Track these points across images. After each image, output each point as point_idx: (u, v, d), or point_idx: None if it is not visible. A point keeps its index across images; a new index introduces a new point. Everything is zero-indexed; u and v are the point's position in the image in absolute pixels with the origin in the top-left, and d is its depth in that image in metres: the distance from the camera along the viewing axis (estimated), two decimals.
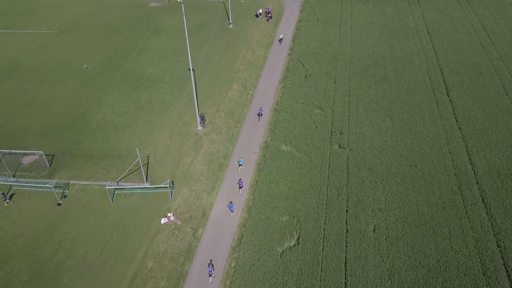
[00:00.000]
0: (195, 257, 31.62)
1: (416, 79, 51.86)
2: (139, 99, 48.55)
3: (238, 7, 72.91)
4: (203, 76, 52.93)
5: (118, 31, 63.96)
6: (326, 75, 53.00)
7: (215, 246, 32.64)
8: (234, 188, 37.63)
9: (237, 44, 60.67)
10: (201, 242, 32.82)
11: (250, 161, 40.48)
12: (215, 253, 32.00)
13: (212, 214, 35.17)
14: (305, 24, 66.24)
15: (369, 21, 66.95)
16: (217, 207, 35.77)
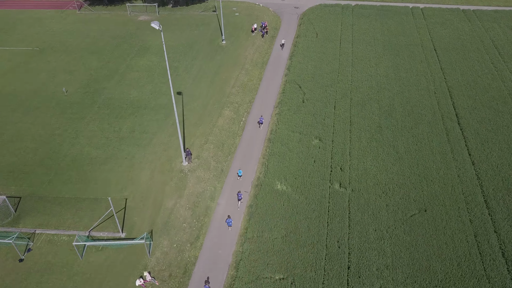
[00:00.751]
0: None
1: (424, 105, 47.56)
2: (121, 128, 44.29)
3: (232, 21, 68.72)
4: (192, 101, 48.68)
5: (101, 50, 59.74)
6: (325, 99, 48.73)
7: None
8: (222, 235, 33.35)
9: (230, 64, 56.42)
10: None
11: (241, 204, 36.15)
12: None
13: (196, 271, 30.83)
14: (303, 40, 62.00)
15: (371, 37, 62.69)
16: (201, 263, 31.45)
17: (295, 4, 76.13)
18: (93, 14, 71.61)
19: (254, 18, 70.02)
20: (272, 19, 69.80)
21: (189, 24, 67.83)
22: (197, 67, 55.52)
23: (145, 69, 55.02)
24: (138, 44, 61.28)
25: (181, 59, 57.20)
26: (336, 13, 70.54)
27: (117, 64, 56.07)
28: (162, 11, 72.66)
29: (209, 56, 58.24)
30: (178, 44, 61.22)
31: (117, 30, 65.61)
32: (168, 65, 55.91)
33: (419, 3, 75.57)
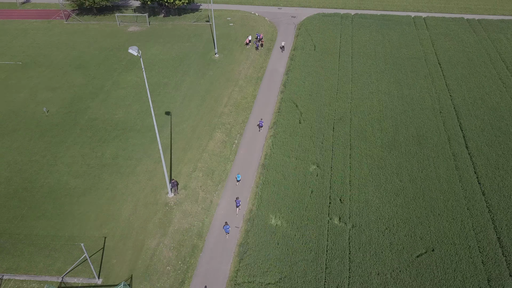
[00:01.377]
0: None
1: (429, 126, 44.44)
2: (103, 154, 41.09)
3: (226, 32, 65.60)
4: (181, 123, 45.51)
5: (87, 64, 56.58)
6: (324, 120, 45.58)
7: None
8: (210, 279, 30.18)
9: (223, 80, 53.26)
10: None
11: (230, 242, 33.01)
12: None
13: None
14: (300, 52, 58.87)
15: (372, 49, 59.57)
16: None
17: (292, 13, 73.10)
18: (81, 24, 68.45)
19: (249, 28, 66.90)
20: (268, 30, 66.67)
21: (181, 35, 64.69)
22: (188, 83, 52.37)
23: (132, 86, 51.85)
24: (126, 58, 58.10)
25: (171, 74, 54.04)
26: (335, 23, 67.43)
27: (103, 80, 52.90)
28: (153, 21, 69.52)
29: (201, 71, 55.08)
30: (168, 58, 58.06)
31: (105, 42, 62.45)
32: (157, 81, 53.04)
33: (421, 12, 72.60)
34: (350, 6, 75.58)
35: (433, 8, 74.17)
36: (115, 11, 72.78)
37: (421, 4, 75.88)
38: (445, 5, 75.69)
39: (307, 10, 74.34)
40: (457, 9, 73.69)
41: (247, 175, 39.23)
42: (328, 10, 73.93)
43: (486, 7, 74.19)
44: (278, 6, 75.95)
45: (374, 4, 76.22)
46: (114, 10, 73.08)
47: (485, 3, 75.99)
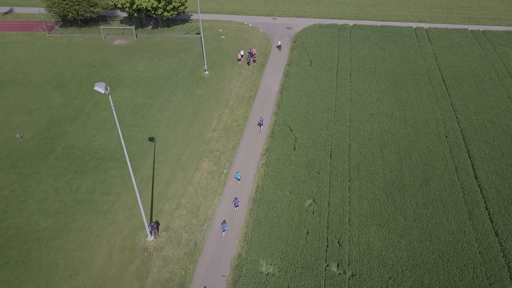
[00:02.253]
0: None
1: (434, 153, 40.93)
2: (79, 188, 37.43)
3: (217, 46, 61.99)
4: (165, 150, 41.87)
5: (68, 83, 52.93)
6: (320, 146, 42.01)
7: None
8: None
9: (212, 100, 49.64)
10: None
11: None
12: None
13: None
14: (295, 69, 55.29)
15: (371, 65, 56.03)
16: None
17: (287, 24, 69.53)
18: (64, 37, 64.75)
19: (241, 41, 63.30)
20: (262, 43, 63.08)
21: (170, 49, 61.05)
22: (175, 104, 48.73)
23: (115, 107, 48.07)
24: (110, 75, 54.43)
25: (157, 94, 50.39)
26: (332, 35, 63.89)
27: (83, 101, 49.23)
28: (141, 33, 65.86)
29: (189, 90, 51.44)
30: (155, 75, 54.41)
31: (89, 57, 58.76)
32: (142, 102, 49.38)
33: (423, 22, 69.14)
34: (348, 16, 72.09)
35: (435, 18, 70.71)
36: (101, 22, 69.13)
37: (422, 14, 72.44)
38: (448, 14, 72.25)
39: (303, 20, 70.78)
40: (461, 19, 70.25)
41: (236, 212, 35.60)
42: (325, 20, 70.40)
43: (491, 17, 70.78)
44: (273, 16, 72.40)
45: (373, 14, 72.75)
46: (100, 21, 69.42)
47: (489, 12, 72.61)
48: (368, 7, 76.02)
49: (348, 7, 76.17)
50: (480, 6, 75.62)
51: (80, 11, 63.22)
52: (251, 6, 77.62)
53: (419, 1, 78.51)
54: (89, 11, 63.91)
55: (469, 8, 74.70)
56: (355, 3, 78.28)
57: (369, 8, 75.66)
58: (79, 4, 62.62)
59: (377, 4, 77.31)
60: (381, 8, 75.27)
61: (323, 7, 76.39)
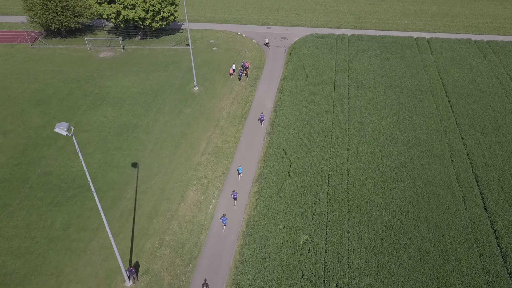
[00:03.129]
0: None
1: (439, 180, 37.93)
2: (53, 223, 34.24)
3: (208, 59, 58.85)
4: (149, 178, 38.69)
5: (48, 100, 49.73)
6: (317, 171, 38.95)
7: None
8: None
9: (202, 119, 46.49)
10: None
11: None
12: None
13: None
14: (290, 84, 52.18)
15: (371, 79, 52.97)
16: None
17: (282, 34, 66.45)
18: (47, 49, 61.50)
19: (234, 53, 60.16)
20: (255, 55, 59.95)
21: (158, 62, 57.86)
22: (161, 124, 45.55)
23: (97, 128, 44.97)
24: (94, 91, 51.23)
25: (143, 113, 47.19)
26: (329, 46, 60.82)
27: (64, 121, 45.88)
28: (129, 45, 62.65)
29: (177, 108, 48.27)
30: (141, 91, 51.21)
31: (72, 71, 55.55)
32: (126, 122, 46.14)
33: (424, 32, 66.14)
34: (346, 24, 69.06)
35: (436, 27, 67.71)
36: (87, 33, 65.90)
37: (423, 22, 69.45)
38: (450, 23, 69.28)
39: (299, 30, 67.71)
40: (463, 28, 67.28)
41: (225, 249, 32.48)
42: (322, 30, 67.34)
43: (495, 25, 67.85)
44: (267, 25, 69.27)
45: (372, 23, 69.72)
46: (86, 32, 66.20)
47: (493, 20, 69.67)
48: (367, 15, 73.02)
49: (346, 15, 73.15)
50: (483, 14, 72.71)
51: (64, 22, 60.01)
52: (245, 14, 74.53)
53: (419, 9, 75.56)
54: (74, 21, 60.70)
55: (472, 16, 71.77)
56: (354, 11, 75.28)
57: (367, 16, 72.65)
58: (63, 14, 59.39)
59: (376, 12, 74.32)
60: (380, 16, 72.27)
61: (320, 15, 73.36)
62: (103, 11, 57.72)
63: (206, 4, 79.50)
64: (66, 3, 58.76)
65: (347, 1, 80.00)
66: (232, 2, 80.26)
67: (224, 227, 33.91)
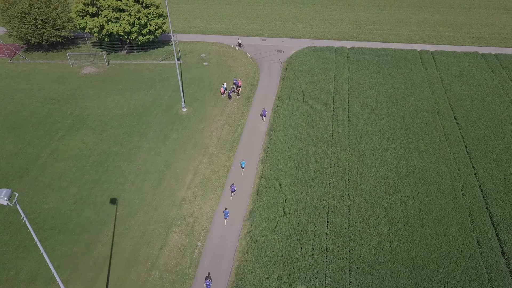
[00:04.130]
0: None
1: (450, 218, 34.37)
2: (18, 273, 30.49)
3: (198, 75, 55.03)
4: (128, 217, 34.88)
5: (23, 124, 45.88)
6: (314, 208, 35.30)
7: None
8: None
9: (189, 146, 42.66)
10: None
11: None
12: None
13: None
14: (286, 104, 48.41)
15: (373, 98, 49.22)
16: None
17: (278, 46, 62.65)
18: (27, 64, 57.58)
19: (226, 69, 56.33)
20: (249, 70, 56.14)
21: (144, 79, 54.00)
22: (145, 152, 41.69)
23: (74, 157, 41.09)
24: (74, 113, 47.38)
25: (125, 139, 43.33)
26: (328, 61, 57.06)
27: (38, 148, 42.16)
28: (114, 59, 58.75)
29: (163, 132, 44.43)
30: (125, 113, 47.35)
31: (52, 90, 51.69)
32: (107, 150, 42.27)
33: (427, 44, 62.48)
34: (345, 36, 65.31)
35: (441, 38, 64.02)
36: (71, 46, 61.98)
37: (426, 33, 65.76)
38: (454, 34, 65.60)
39: (296, 41, 63.93)
40: (469, 39, 63.59)
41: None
42: (320, 41, 63.58)
43: (502, 36, 64.22)
44: (262, 37, 65.47)
45: (373, 33, 66.00)
46: (69, 45, 62.27)
47: (500, 31, 66.05)
48: (367, 25, 69.28)
49: (345, 25, 69.41)
50: (489, 24, 69.06)
51: (44, 36, 56.10)
52: (238, 24, 70.73)
53: (422, 18, 71.86)
54: (55, 35, 56.75)
55: (478, 26, 68.11)
56: (353, 20, 71.55)
57: (368, 26, 68.92)
58: (43, 27, 55.48)
59: (377, 22, 70.60)
60: (381, 27, 68.55)
61: (317, 25, 69.60)
62: (86, 25, 53.79)
63: (198, 13, 75.71)
64: (46, 16, 54.86)
65: (346, 10, 76.26)
66: (226, 11, 76.49)
67: (225, 221, 34.37)
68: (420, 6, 77.51)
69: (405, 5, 78.28)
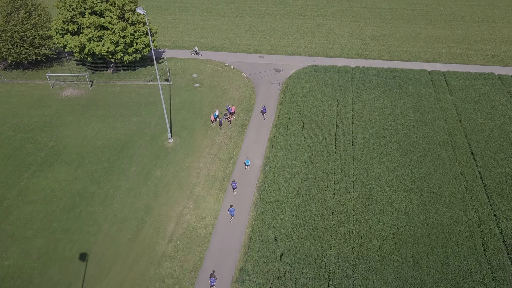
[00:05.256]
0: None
1: (470, 282, 29.27)
2: None
3: (188, 99, 50.48)
4: (98, 279, 30.39)
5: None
6: (314, 268, 30.67)
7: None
8: None
9: (174, 186, 38.00)
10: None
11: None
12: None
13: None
14: (283, 134, 43.74)
15: (380, 127, 44.48)
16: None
17: (276, 65, 57.98)
18: (4, 84, 53.17)
19: (219, 92, 51.66)
20: (245, 93, 51.49)
21: (129, 103, 49.42)
22: (123, 193, 37.07)
23: (44, 198, 36.54)
24: (48, 144, 42.86)
25: (102, 176, 38.71)
26: (330, 83, 52.34)
27: (5, 188, 37.68)
28: (98, 80, 54.18)
29: (145, 169, 39.77)
30: (106, 144, 42.74)
31: (28, 115, 47.16)
32: (82, 190, 37.65)
33: (438, 63, 57.72)
34: (349, 52, 60.57)
35: (452, 56, 59.17)
36: (53, 63, 57.47)
37: (437, 50, 60.93)
38: (467, 51, 60.74)
39: (296, 59, 59.21)
40: (483, 58, 58.70)
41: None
42: (322, 59, 58.86)
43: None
44: (260, 54, 60.76)
45: (379, 50, 61.20)
46: (52, 62, 57.75)
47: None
48: (372, 40, 64.50)
49: (348, 40, 64.64)
50: (504, 40, 64.15)
51: (22, 54, 51.53)
52: (235, 38, 66.07)
53: (432, 33, 67.01)
54: (34, 53, 52.18)
55: (492, 42, 63.21)
56: (357, 35, 66.77)
57: (373, 41, 64.13)
58: (20, 46, 50.92)
59: (383, 37, 65.80)
60: (388, 42, 63.75)
61: (319, 40, 64.86)
62: (66, 43, 49.21)
63: (192, 26, 71.12)
64: (23, 34, 50.33)
65: (350, 23, 71.47)
66: (222, 23, 71.88)
67: (232, 218, 34.45)
68: (429, 18, 72.65)
69: (413, 17, 73.43)
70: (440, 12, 75.42)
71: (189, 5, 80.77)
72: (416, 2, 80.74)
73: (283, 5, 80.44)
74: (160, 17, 74.22)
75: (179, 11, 77.72)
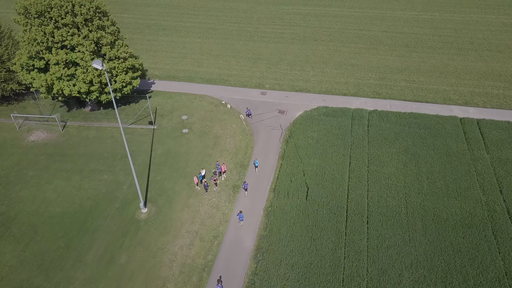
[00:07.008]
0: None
1: None
2: None
3: (172, 150, 42.84)
4: None
5: None
6: None
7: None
8: None
9: (139, 279, 30.30)
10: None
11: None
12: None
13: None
14: (283, 203, 35.74)
15: (402, 199, 36.07)
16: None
17: (280, 104, 50.15)
18: None
19: (210, 141, 43.83)
20: (240, 143, 43.56)
21: (104, 154, 41.96)
22: (79, 285, 29.27)
23: None
24: (3, 205, 35.41)
25: (54, 260, 31.17)
26: (342, 132, 44.19)
27: None
28: (73, 120, 46.91)
29: (108, 252, 32.09)
30: (65, 212, 35.24)
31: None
32: (25, 280, 30.10)
33: (471, 106, 49.07)
34: (365, 90, 52.28)
35: (487, 98, 50.41)
36: (25, 98, 50.40)
37: (468, 89, 52.20)
38: (505, 91, 51.89)
39: (303, 97, 51.15)
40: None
41: None
42: (333, 98, 50.74)
43: None
44: (262, 90, 52.78)
45: (400, 87, 52.74)
46: (25, 96, 50.73)
47: None
48: (393, 74, 56.01)
49: (365, 74, 56.26)
50: None
51: None
52: (235, 67, 58.28)
53: (461, 66, 58.18)
54: (0, 88, 45.14)
55: None
56: (375, 66, 58.33)
57: (394, 76, 55.65)
58: None
59: (405, 70, 57.22)
60: (411, 77, 55.20)
61: (331, 73, 56.63)
62: (31, 81, 41.95)
63: (189, 50, 63.57)
64: None
65: (367, 51, 63.03)
66: (223, 48, 64.20)
67: (241, 223, 33.49)
68: (458, 47, 63.71)
69: (440, 45, 64.57)
70: (471, 39, 66.39)
71: (189, 24, 73.31)
72: (442, 26, 71.80)
73: (293, 26, 72.33)
74: (155, 39, 66.96)
75: (177, 31, 70.29)
